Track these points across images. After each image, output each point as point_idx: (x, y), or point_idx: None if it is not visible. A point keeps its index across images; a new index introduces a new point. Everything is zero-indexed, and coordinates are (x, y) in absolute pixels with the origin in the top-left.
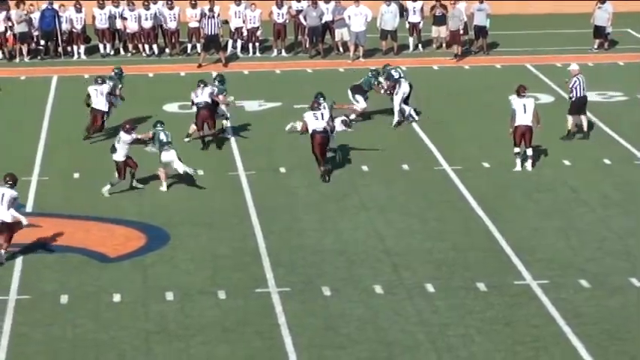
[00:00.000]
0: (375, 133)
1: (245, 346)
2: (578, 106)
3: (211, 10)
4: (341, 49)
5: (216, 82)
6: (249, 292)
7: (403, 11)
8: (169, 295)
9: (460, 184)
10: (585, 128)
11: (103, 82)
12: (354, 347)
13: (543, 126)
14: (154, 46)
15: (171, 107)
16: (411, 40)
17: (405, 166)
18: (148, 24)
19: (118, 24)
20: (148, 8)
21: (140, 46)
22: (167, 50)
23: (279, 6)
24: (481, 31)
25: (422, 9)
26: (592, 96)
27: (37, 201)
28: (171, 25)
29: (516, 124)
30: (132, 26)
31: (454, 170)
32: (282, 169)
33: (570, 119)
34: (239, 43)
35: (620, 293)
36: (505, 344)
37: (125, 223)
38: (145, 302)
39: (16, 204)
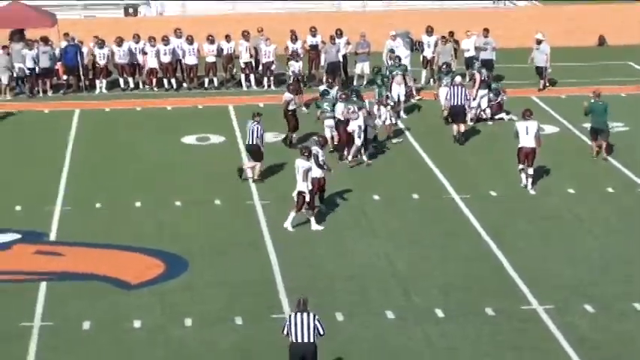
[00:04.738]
0: (387, 167)
1: None
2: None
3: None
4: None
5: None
6: (264, 317)
7: (413, 45)
8: (188, 322)
9: (468, 212)
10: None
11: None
12: None
13: (544, 150)
14: (173, 81)
15: (190, 139)
16: (423, 73)
17: (415, 195)
18: (166, 59)
19: (139, 59)
20: (167, 44)
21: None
22: (185, 85)
23: (294, 41)
24: (487, 64)
25: (436, 43)
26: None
27: (60, 230)
28: (190, 60)
29: (520, 146)
30: (151, 61)
31: (462, 199)
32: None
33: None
34: (252, 77)
35: (624, 318)
36: None
37: (145, 252)
38: (164, 328)
39: (310, 175)
